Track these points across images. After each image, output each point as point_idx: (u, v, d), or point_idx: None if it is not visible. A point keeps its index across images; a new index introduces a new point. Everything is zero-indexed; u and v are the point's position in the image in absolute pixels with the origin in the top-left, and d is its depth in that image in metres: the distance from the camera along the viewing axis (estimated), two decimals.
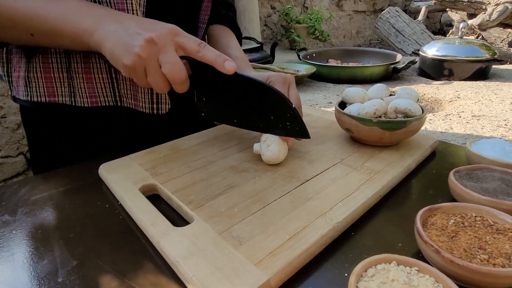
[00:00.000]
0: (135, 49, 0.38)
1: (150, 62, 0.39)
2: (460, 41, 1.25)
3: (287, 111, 0.43)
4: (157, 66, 0.40)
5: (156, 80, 0.40)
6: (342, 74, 1.24)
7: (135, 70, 0.39)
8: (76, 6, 0.43)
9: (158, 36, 0.39)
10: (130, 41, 0.39)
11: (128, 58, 0.39)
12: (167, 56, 0.39)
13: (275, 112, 0.44)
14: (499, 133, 0.69)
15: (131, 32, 0.39)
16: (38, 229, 0.37)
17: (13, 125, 1.46)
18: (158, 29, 0.39)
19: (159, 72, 0.40)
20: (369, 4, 3.28)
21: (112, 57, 0.40)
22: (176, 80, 0.40)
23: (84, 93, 0.53)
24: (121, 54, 0.39)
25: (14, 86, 0.56)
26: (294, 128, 0.44)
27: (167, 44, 0.39)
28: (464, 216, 0.33)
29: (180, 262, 0.29)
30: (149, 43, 0.38)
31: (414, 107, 0.48)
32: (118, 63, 0.40)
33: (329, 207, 0.36)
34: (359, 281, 0.26)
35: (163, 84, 0.41)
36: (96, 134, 0.58)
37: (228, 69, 0.40)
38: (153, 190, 0.42)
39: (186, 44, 0.40)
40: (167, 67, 0.39)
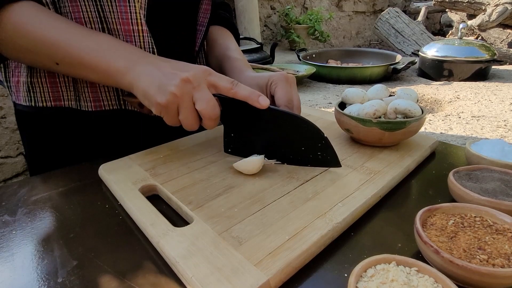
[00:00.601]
0: (170, 88, 0.40)
1: (184, 100, 0.40)
2: (459, 41, 1.25)
3: (320, 141, 0.43)
4: (191, 103, 0.41)
5: (188, 117, 0.41)
6: (342, 75, 1.24)
7: (168, 108, 0.41)
8: (109, 44, 0.45)
9: (193, 75, 0.40)
10: (165, 81, 0.40)
11: (163, 97, 0.40)
12: (201, 94, 0.40)
13: (306, 142, 0.44)
14: (499, 133, 0.69)
15: (166, 72, 0.41)
16: (37, 229, 0.37)
17: (13, 126, 1.46)
18: (192, 69, 0.41)
19: (192, 110, 0.41)
20: (369, 5, 3.28)
21: (145, 96, 0.42)
22: (211, 116, 0.41)
23: (88, 97, 0.53)
24: (155, 93, 0.40)
25: (14, 91, 0.56)
26: (325, 157, 0.44)
27: (201, 83, 0.41)
28: (463, 217, 0.33)
29: (179, 262, 0.29)
30: (184, 82, 0.40)
31: (413, 107, 0.48)
32: (151, 102, 0.41)
33: (328, 207, 0.36)
34: (358, 281, 0.26)
35: (195, 121, 0.42)
36: (98, 137, 0.58)
37: (262, 104, 0.41)
38: (153, 191, 0.42)
39: (219, 83, 0.42)
40: (202, 105, 0.40)
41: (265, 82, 0.51)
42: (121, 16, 0.47)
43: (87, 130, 0.57)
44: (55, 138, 0.58)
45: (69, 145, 0.58)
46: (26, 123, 0.59)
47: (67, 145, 0.58)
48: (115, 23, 0.48)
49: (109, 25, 0.48)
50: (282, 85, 0.49)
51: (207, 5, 0.63)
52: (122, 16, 0.47)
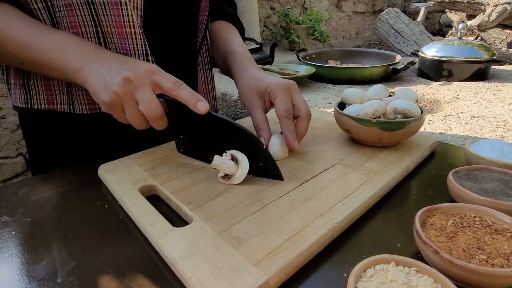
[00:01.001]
0: (113, 87, 0.40)
1: (127, 99, 0.40)
2: (459, 42, 1.25)
3: (259, 152, 0.42)
4: (133, 103, 0.41)
5: (133, 116, 0.41)
6: (342, 75, 1.24)
7: (114, 106, 0.41)
8: (67, 42, 0.45)
9: (135, 75, 0.40)
10: (109, 80, 0.40)
11: (106, 95, 0.40)
12: (142, 94, 0.40)
13: (247, 152, 0.43)
14: (498, 133, 0.69)
15: (112, 71, 0.41)
16: (37, 229, 0.37)
17: (13, 126, 1.46)
18: (137, 68, 0.41)
19: (136, 109, 0.41)
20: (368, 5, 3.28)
21: (94, 94, 0.42)
22: (152, 117, 0.41)
23: (83, 100, 0.53)
24: (101, 91, 0.41)
25: (12, 93, 0.56)
26: (266, 169, 0.43)
27: (144, 83, 0.40)
28: (463, 217, 0.33)
29: (179, 262, 0.29)
30: (125, 82, 0.40)
31: (413, 107, 0.48)
32: (99, 100, 0.42)
33: (328, 207, 0.36)
34: (358, 281, 0.26)
35: (140, 121, 0.42)
36: (93, 139, 0.58)
37: (200, 109, 0.40)
38: (153, 191, 0.42)
39: (162, 83, 0.41)
40: (143, 105, 0.40)
41: (264, 88, 0.50)
42: (114, 19, 0.47)
43: (82, 133, 0.57)
44: (53, 140, 0.58)
45: (67, 147, 0.58)
46: (26, 124, 0.60)
47: (65, 147, 0.58)
48: (109, 26, 0.48)
49: (103, 28, 0.48)
50: (280, 95, 0.48)
51: (206, 2, 0.62)
52: (115, 19, 0.47)
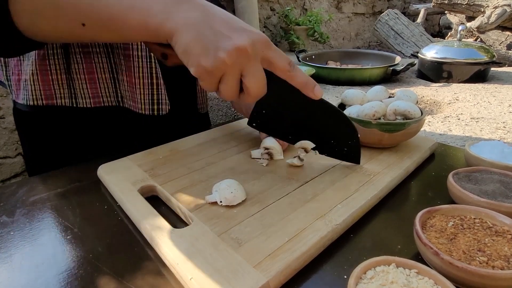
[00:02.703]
0: (221, 54, 0.33)
1: (233, 70, 0.35)
2: (458, 43, 1.25)
3: (352, 139, 0.44)
4: (239, 75, 0.35)
5: (230, 87, 0.36)
6: (341, 76, 1.24)
7: (212, 74, 0.35)
8: None
9: (252, 46, 0.34)
10: (216, 43, 0.34)
11: (208, 61, 0.34)
12: (254, 69, 0.35)
13: (339, 136, 0.45)
14: (498, 135, 0.69)
15: (218, 31, 0.34)
16: (36, 230, 0.36)
17: (12, 126, 1.46)
18: (251, 36, 0.35)
19: (237, 82, 0.36)
20: (368, 7, 3.29)
21: (187, 53, 0.35)
22: (257, 94, 0.37)
23: (87, 94, 0.53)
24: (201, 52, 0.34)
25: (13, 90, 0.55)
26: (349, 153, 0.45)
27: (257, 55, 0.35)
28: (463, 218, 0.33)
29: (179, 263, 0.29)
30: (239, 51, 0.33)
31: (413, 109, 0.48)
32: (193, 61, 0.35)
33: (328, 209, 0.36)
34: (358, 283, 0.26)
35: (235, 93, 0.37)
36: (96, 136, 0.58)
37: (317, 95, 0.39)
38: (152, 191, 0.42)
39: (276, 60, 0.37)
40: (252, 80, 0.35)
41: None
42: None
43: (84, 128, 0.57)
44: (52, 137, 0.57)
45: (66, 144, 0.57)
46: (25, 122, 0.59)
47: (65, 144, 0.57)
48: None
49: None
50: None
51: None
52: None
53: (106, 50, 0.52)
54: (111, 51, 0.53)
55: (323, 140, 0.46)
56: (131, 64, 0.52)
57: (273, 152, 0.48)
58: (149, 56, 0.52)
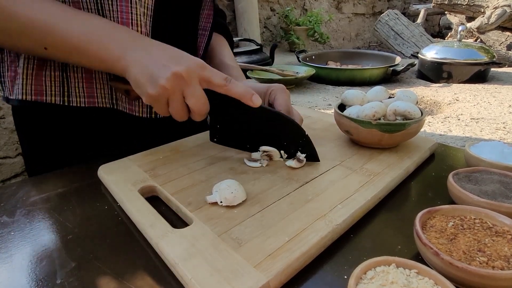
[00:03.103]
0: (160, 81, 0.39)
1: (175, 94, 0.40)
2: (458, 44, 1.25)
3: (301, 138, 0.47)
4: (181, 98, 0.41)
5: (178, 110, 0.41)
6: (341, 76, 1.24)
7: (158, 100, 0.40)
8: (100, 27, 0.43)
9: (186, 71, 0.39)
10: (157, 72, 0.39)
11: (153, 89, 0.39)
12: (192, 90, 0.40)
13: (289, 138, 0.48)
14: (498, 135, 0.69)
15: (159, 63, 0.40)
16: (36, 230, 0.36)
17: (12, 126, 1.46)
18: (186, 63, 0.40)
19: (182, 103, 0.41)
20: (368, 7, 3.29)
21: (137, 84, 0.41)
22: (200, 112, 0.42)
23: (82, 93, 0.52)
24: (146, 83, 0.40)
25: (8, 86, 0.55)
26: (305, 152, 0.47)
27: (193, 78, 0.40)
28: (463, 219, 0.33)
29: (179, 264, 0.29)
30: (176, 77, 0.39)
31: (413, 109, 0.48)
32: (142, 91, 0.41)
33: (328, 209, 0.36)
34: (358, 283, 0.26)
35: (184, 113, 0.42)
36: (89, 136, 0.57)
37: (255, 103, 0.42)
38: (152, 192, 0.42)
39: (212, 78, 0.41)
40: (192, 101, 0.40)
41: (263, 90, 0.54)
42: (121, 16, 0.47)
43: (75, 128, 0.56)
44: (47, 135, 0.57)
45: (62, 143, 0.57)
46: (21, 118, 0.58)
47: (60, 143, 0.57)
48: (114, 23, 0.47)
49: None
50: (281, 94, 0.52)
51: (209, 10, 0.63)
52: (123, 16, 0.47)
53: None
54: None
55: (278, 144, 0.48)
56: None
57: (272, 154, 0.48)
58: None
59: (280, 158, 0.49)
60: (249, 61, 1.75)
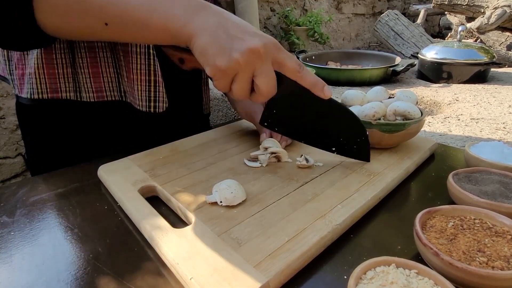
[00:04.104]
0: (235, 54, 0.36)
1: (246, 70, 0.37)
2: (458, 44, 1.25)
3: (361, 136, 0.45)
4: (251, 75, 0.38)
5: (243, 88, 0.39)
6: (341, 76, 1.24)
7: (226, 73, 0.37)
8: None
9: (264, 47, 0.37)
10: (231, 44, 0.36)
11: (223, 60, 0.36)
12: (265, 69, 0.38)
13: (347, 135, 0.46)
14: (498, 136, 0.69)
15: (233, 35, 0.37)
16: (36, 230, 0.36)
17: (12, 126, 1.46)
18: (262, 40, 0.37)
19: (249, 81, 0.38)
20: (368, 7, 3.29)
21: (203, 54, 0.37)
22: (268, 94, 0.39)
23: (90, 88, 0.53)
24: (216, 53, 0.37)
25: (17, 84, 0.55)
26: (359, 151, 0.46)
27: (268, 57, 0.38)
28: (463, 219, 0.33)
29: (179, 263, 0.29)
30: (251, 52, 0.36)
31: (413, 109, 0.48)
32: (208, 62, 0.37)
33: (328, 209, 0.36)
34: (358, 283, 0.26)
35: (247, 92, 0.40)
36: (98, 131, 0.58)
37: (326, 94, 0.41)
38: (152, 192, 0.42)
39: (287, 62, 0.39)
40: (263, 80, 0.38)
41: None
42: None
43: (86, 122, 0.57)
44: (55, 132, 0.58)
45: (68, 140, 0.58)
46: (28, 117, 0.59)
47: (67, 140, 0.58)
48: None
49: None
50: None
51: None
52: None
53: (110, 44, 0.53)
54: (114, 46, 0.53)
55: (332, 138, 0.47)
56: (129, 60, 0.52)
57: (281, 156, 0.48)
58: (148, 53, 0.52)
59: (288, 159, 0.48)
60: None
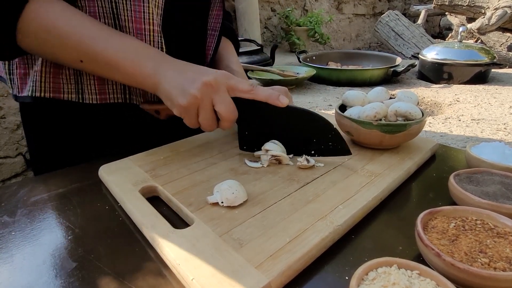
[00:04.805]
0: (192, 91, 0.42)
1: (204, 102, 0.43)
2: (459, 45, 1.25)
3: (330, 132, 0.47)
4: (210, 106, 0.43)
5: (207, 118, 0.44)
6: (342, 77, 1.24)
7: (189, 109, 0.43)
8: (135, 46, 0.47)
9: (215, 79, 0.43)
10: (188, 84, 0.43)
11: (184, 99, 0.43)
12: (221, 97, 0.43)
13: (318, 135, 0.48)
14: (499, 136, 0.69)
15: (189, 76, 0.44)
16: (37, 230, 0.36)
17: (12, 126, 1.46)
18: (213, 73, 0.44)
19: (211, 112, 0.44)
20: (368, 8, 3.29)
21: (168, 97, 0.44)
22: (230, 118, 0.44)
23: (94, 90, 0.53)
24: (177, 95, 0.43)
25: (17, 84, 0.55)
26: (336, 146, 0.48)
27: (221, 86, 0.43)
28: (464, 220, 0.33)
29: (180, 264, 0.29)
30: (205, 85, 0.42)
31: (414, 110, 0.48)
32: (173, 103, 0.44)
33: (329, 209, 0.36)
34: (360, 284, 0.26)
35: (213, 122, 0.45)
36: (100, 132, 0.58)
37: (283, 102, 0.45)
38: (153, 192, 0.42)
39: (238, 85, 0.44)
40: (222, 107, 0.43)
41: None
42: (135, 14, 0.48)
43: (88, 124, 0.57)
44: (58, 132, 0.58)
45: (71, 139, 0.58)
46: (30, 116, 0.59)
47: (70, 139, 0.58)
48: (127, 21, 0.49)
49: (122, 22, 0.49)
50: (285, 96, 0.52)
51: (218, 11, 0.64)
52: (136, 14, 0.49)
53: None
54: None
55: (308, 142, 0.49)
56: None
57: (281, 159, 0.47)
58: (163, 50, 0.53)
59: (289, 162, 0.48)
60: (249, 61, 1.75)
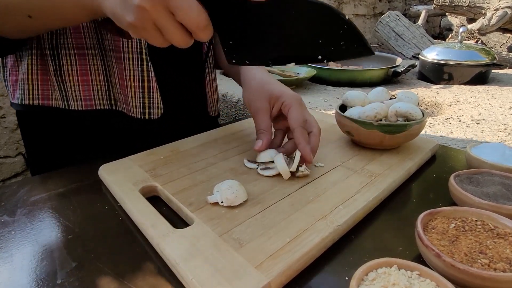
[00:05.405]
0: (135, 1, 0.31)
1: (158, 13, 0.31)
2: (459, 45, 1.25)
3: (341, 26, 0.33)
4: (168, 14, 0.32)
5: (173, 32, 0.33)
6: (342, 77, 1.24)
7: (144, 27, 0.32)
8: None
9: None
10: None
11: (130, 14, 0.32)
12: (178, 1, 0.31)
13: (323, 32, 0.33)
14: (499, 137, 0.69)
15: None
16: (37, 230, 0.36)
17: (12, 125, 1.46)
18: None
19: (174, 23, 0.32)
20: (369, 8, 3.29)
21: (115, 16, 0.34)
22: (198, 25, 0.32)
23: (78, 96, 0.52)
24: (122, 11, 0.32)
25: (10, 90, 0.56)
26: (351, 46, 0.33)
27: None
28: (464, 220, 0.32)
29: (180, 264, 0.29)
30: None
31: (414, 110, 0.48)
32: (122, 23, 0.34)
33: (329, 210, 0.36)
34: (360, 284, 0.26)
35: (183, 36, 0.33)
36: (91, 138, 0.57)
37: None
38: (153, 192, 0.42)
39: None
40: (182, 14, 0.31)
41: (276, 95, 0.48)
42: None
43: (79, 131, 0.56)
44: (50, 137, 0.57)
45: (65, 145, 0.57)
46: (24, 122, 0.59)
47: (64, 145, 0.57)
48: None
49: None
50: (295, 106, 0.47)
51: None
52: None
53: (101, 52, 0.52)
54: (105, 54, 0.52)
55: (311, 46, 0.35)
56: (122, 67, 0.52)
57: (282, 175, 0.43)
58: (141, 58, 0.51)
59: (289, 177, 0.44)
60: None
